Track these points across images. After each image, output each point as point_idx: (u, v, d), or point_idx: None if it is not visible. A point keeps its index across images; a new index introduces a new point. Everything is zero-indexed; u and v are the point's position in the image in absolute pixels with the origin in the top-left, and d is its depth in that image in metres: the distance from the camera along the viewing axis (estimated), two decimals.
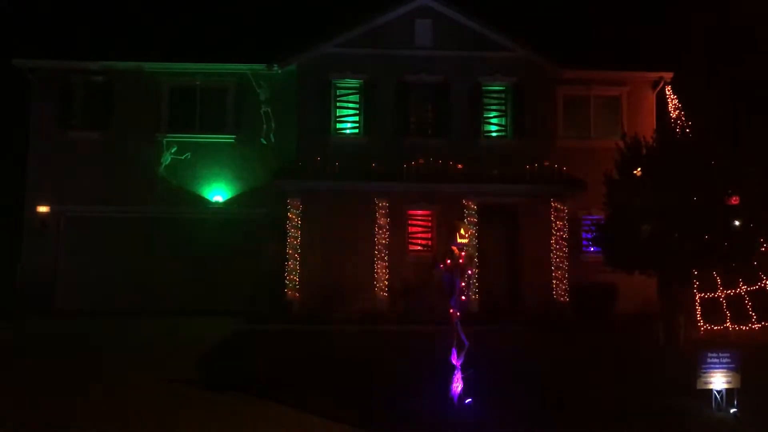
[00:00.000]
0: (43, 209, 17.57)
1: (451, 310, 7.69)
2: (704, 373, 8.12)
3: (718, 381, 8.15)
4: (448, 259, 7.71)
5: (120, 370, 10.04)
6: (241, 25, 19.01)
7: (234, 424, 7.30)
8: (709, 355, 8.21)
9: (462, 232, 7.60)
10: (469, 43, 17.91)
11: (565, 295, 16.28)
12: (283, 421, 7.44)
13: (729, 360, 8.21)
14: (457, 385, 7.52)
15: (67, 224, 17.66)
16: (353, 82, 17.92)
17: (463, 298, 7.73)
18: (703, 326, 15.67)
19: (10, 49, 18.02)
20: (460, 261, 7.67)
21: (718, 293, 15.77)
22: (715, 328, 15.47)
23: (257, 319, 15.20)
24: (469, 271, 7.74)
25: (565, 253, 16.45)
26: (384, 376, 9.60)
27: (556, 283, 16.27)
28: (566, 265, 16.40)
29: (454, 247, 7.69)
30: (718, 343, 13.11)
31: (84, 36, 18.47)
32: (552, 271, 16.35)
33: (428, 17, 17.96)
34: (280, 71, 17.88)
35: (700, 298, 15.90)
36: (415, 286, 16.29)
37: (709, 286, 15.68)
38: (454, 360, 7.58)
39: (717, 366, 8.16)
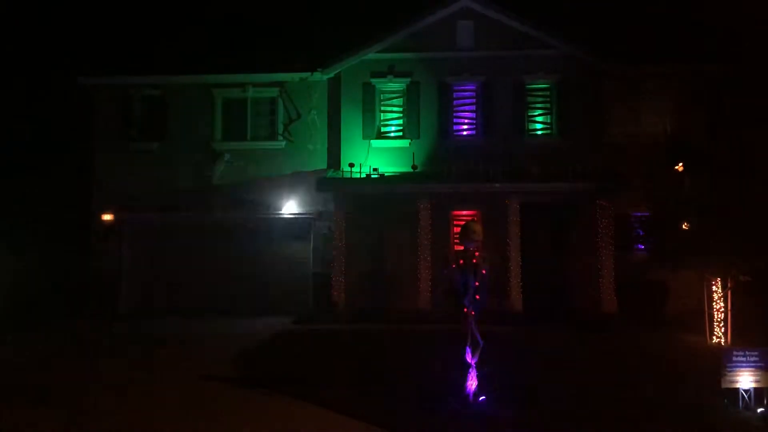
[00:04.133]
0: (107, 217, 18.62)
1: (465, 310, 7.85)
2: (730, 371, 8.01)
3: (746, 380, 8.02)
4: (461, 258, 7.88)
5: (162, 366, 10.69)
6: (286, 33, 19.59)
7: (248, 417, 7.71)
8: (735, 353, 8.10)
9: (475, 231, 7.75)
10: (511, 42, 17.89)
11: (612, 294, 15.97)
12: (298, 416, 7.81)
13: (757, 359, 8.06)
14: (472, 383, 7.69)
15: (130, 231, 18.68)
16: (396, 86, 18.24)
17: (477, 297, 7.87)
18: (757, 325, 15.13)
19: (76, 68, 19.21)
20: (474, 261, 7.82)
21: None
22: None
23: (303, 319, 15.72)
24: (483, 271, 7.86)
25: (612, 251, 16.13)
26: (415, 374, 9.83)
27: (602, 282, 15.98)
28: (613, 264, 16.07)
29: (468, 247, 7.85)
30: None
31: (140, 52, 19.49)
32: (598, 270, 16.09)
33: (469, 18, 18.06)
34: (324, 77, 18.38)
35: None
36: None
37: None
38: (469, 358, 7.76)
39: (744, 365, 8.03)
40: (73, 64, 19.61)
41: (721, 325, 12.74)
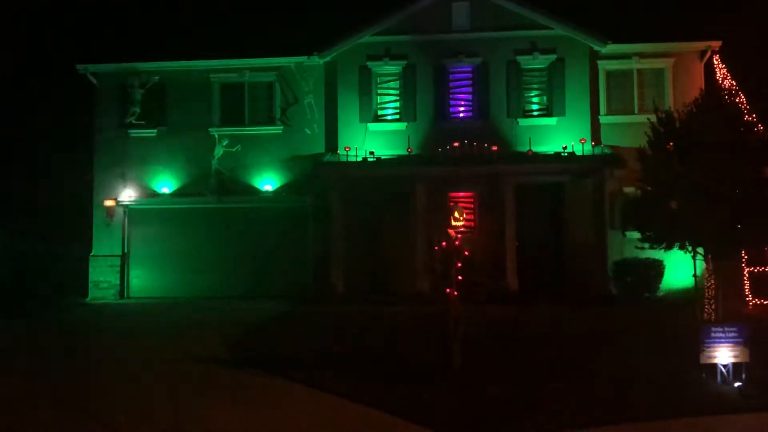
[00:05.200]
0: (109, 203, 18.90)
1: (448, 290, 8.05)
2: (708, 347, 8.16)
3: (724, 355, 8.17)
4: (444, 241, 8.07)
5: (159, 348, 11.03)
6: (283, 18, 19.62)
7: (242, 398, 7.98)
8: (714, 329, 8.24)
9: (456, 215, 7.93)
10: (507, 23, 17.90)
11: (606, 272, 16.15)
12: (281, 395, 8.08)
13: (736, 334, 8.21)
14: (457, 359, 7.92)
15: (131, 217, 18.94)
16: (392, 69, 18.31)
17: (460, 277, 8.07)
18: (752, 301, 15.28)
19: (75, 55, 19.38)
20: (456, 243, 8.01)
21: None
22: (765, 303, 15.07)
23: (302, 302, 15.98)
24: (466, 253, 8.05)
25: (607, 230, 16.29)
26: (407, 353, 10.07)
27: (597, 261, 16.15)
28: (608, 243, 16.25)
29: (450, 230, 8.03)
30: (760, 317, 12.88)
31: (139, 39, 19.63)
32: (593, 248, 16.23)
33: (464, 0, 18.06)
34: (321, 61, 18.47)
35: (749, 272, 15.49)
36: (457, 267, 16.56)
37: (760, 260, 15.27)
38: (453, 336, 7.98)
39: (722, 340, 8.18)
40: (73, 51, 19.79)
41: (711, 301, 12.85)
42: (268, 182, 18.74)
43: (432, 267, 15.47)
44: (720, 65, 16.95)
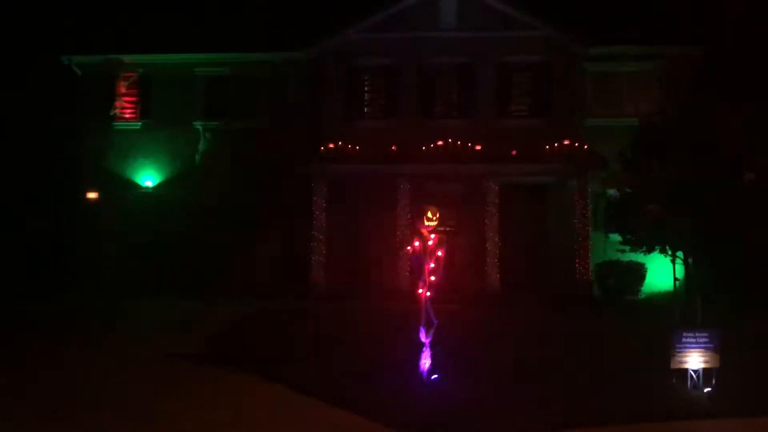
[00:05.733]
0: (92, 196, 18.78)
1: (420, 291, 8.00)
2: (678, 352, 8.17)
3: (694, 360, 8.18)
4: (417, 241, 8.01)
5: (141, 343, 10.96)
6: (269, 13, 19.48)
7: (211, 394, 7.95)
8: (685, 334, 8.25)
9: (429, 215, 7.87)
10: (494, 23, 17.88)
11: (589, 274, 16.18)
12: (253, 392, 8.07)
13: (707, 340, 8.22)
14: (425, 362, 7.88)
15: (115, 210, 18.77)
16: (378, 65, 18.22)
17: (433, 278, 8.02)
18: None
19: (59, 46, 19.20)
20: (429, 243, 7.96)
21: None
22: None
23: (283, 299, 15.87)
24: (439, 253, 7.99)
25: (589, 232, 16.31)
26: (380, 352, 10.02)
27: (579, 263, 16.17)
28: (590, 245, 16.27)
29: (423, 230, 7.97)
30: (737, 323, 12.90)
31: (124, 31, 19.46)
32: (575, 250, 16.26)
33: None
34: (307, 57, 18.36)
35: None
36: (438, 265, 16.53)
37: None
38: (423, 338, 7.93)
39: (693, 346, 8.19)
40: (58, 41, 19.60)
41: (688, 305, 12.88)
42: (251, 178, 18.57)
43: (410, 265, 15.46)
44: (704, 69, 16.96)
